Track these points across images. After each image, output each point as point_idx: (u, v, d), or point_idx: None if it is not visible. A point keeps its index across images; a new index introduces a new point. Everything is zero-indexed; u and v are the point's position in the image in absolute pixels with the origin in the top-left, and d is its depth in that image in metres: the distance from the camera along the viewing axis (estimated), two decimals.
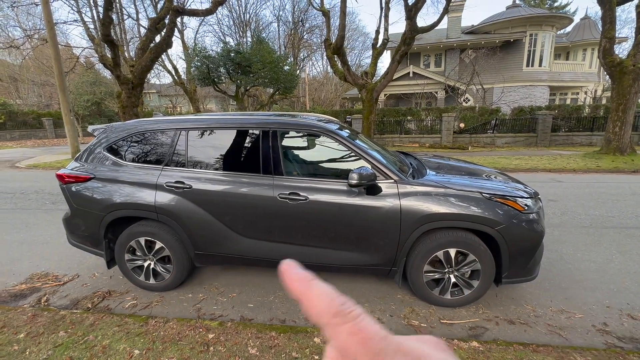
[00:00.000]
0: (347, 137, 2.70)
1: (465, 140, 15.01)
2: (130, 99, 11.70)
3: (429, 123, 15.65)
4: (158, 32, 12.49)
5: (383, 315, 2.64)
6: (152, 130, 2.91)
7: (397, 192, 2.55)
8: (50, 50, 12.11)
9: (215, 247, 2.82)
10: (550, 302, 2.79)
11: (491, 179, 2.96)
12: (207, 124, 2.85)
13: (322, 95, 35.94)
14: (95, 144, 2.99)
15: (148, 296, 2.96)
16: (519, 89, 20.06)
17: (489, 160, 10.58)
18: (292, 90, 22.45)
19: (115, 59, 11.13)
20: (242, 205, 2.70)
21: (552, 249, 3.77)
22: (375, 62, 11.89)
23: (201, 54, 18.50)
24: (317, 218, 2.64)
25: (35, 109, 26.20)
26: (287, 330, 2.33)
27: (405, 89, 20.96)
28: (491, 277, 2.60)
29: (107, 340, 2.21)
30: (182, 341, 2.20)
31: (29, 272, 3.40)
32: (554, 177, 8.08)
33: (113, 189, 2.83)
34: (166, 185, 2.75)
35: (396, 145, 15.28)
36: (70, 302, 2.89)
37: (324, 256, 2.74)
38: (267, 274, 3.28)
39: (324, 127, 2.72)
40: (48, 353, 2.08)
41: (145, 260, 2.94)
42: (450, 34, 22.44)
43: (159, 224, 2.84)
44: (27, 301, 2.91)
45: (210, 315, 2.68)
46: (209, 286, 3.11)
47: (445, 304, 2.72)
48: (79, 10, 16.50)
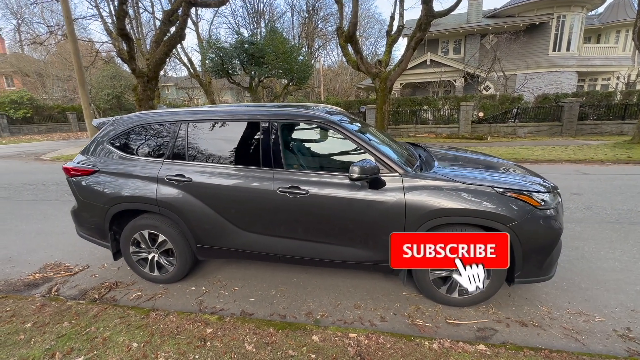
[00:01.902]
0: (349, 129, 2.58)
1: (484, 130, 14.43)
2: (146, 92, 11.88)
3: (446, 112, 15.12)
4: (172, 25, 12.51)
5: (386, 314, 2.55)
6: (153, 123, 2.89)
7: (402, 186, 2.42)
8: (70, 45, 12.42)
9: (217, 240, 2.80)
10: (567, 303, 2.61)
11: (506, 172, 2.77)
12: (208, 117, 2.80)
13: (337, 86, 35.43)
14: (99, 137, 3.00)
15: (153, 288, 2.99)
16: (544, 75, 19.00)
17: (509, 151, 10.12)
18: (306, 80, 22.22)
19: (131, 52, 11.27)
20: (242, 199, 2.65)
21: (573, 246, 3.54)
22: (389, 50, 11.50)
23: (215, 45, 18.54)
24: (318, 212, 2.56)
25: (60, 103, 27.21)
26: (285, 326, 2.28)
27: (422, 77, 20.32)
28: (502, 276, 2.45)
29: (108, 332, 2.24)
30: (180, 335, 2.20)
31: (43, 262, 3.52)
32: (579, 168, 7.63)
33: (116, 181, 2.84)
34: (167, 179, 2.73)
35: (411, 136, 14.90)
36: (79, 292, 2.97)
37: (326, 252, 2.66)
38: (270, 268, 3.25)
39: (326, 118, 2.61)
40: (51, 343, 2.12)
41: (149, 252, 2.96)
42: (470, 18, 21.45)
43: (161, 217, 2.84)
44: (39, 290, 3.00)
45: (211, 308, 2.67)
46: (212, 279, 3.11)
47: (453, 303, 2.59)
48: (96, 5, 16.84)
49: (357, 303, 2.69)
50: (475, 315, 2.51)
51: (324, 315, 2.55)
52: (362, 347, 2.07)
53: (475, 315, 2.51)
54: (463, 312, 2.55)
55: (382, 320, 2.48)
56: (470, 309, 2.58)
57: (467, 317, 2.48)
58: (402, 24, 11.36)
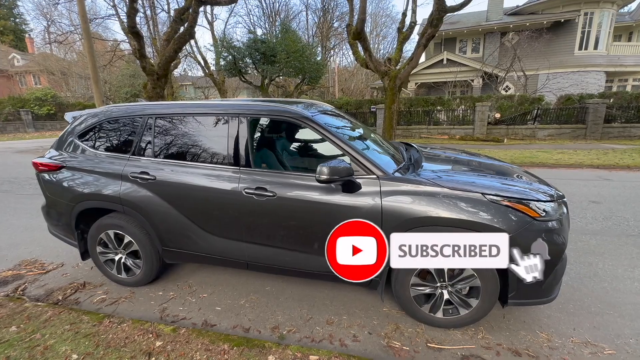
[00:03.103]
0: (324, 125, 2.32)
1: (500, 132, 13.75)
2: (155, 89, 12.00)
3: (461, 113, 14.52)
4: (183, 23, 12.57)
5: (360, 332, 2.28)
6: (121, 117, 2.73)
7: (379, 190, 2.15)
8: (85, 43, 12.72)
9: (182, 243, 2.61)
10: (572, 330, 2.26)
11: (505, 178, 2.44)
12: (175, 111, 2.61)
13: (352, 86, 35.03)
14: (68, 131, 2.88)
15: (119, 291, 2.83)
16: (569, 75, 17.96)
17: (525, 154, 9.53)
18: (318, 80, 21.98)
19: (141, 50, 11.38)
20: (207, 200, 2.44)
21: (585, 262, 3.15)
22: (400, 48, 11.10)
23: (228, 44, 18.61)
24: (286, 217, 2.32)
25: (81, 101, 28.17)
26: (242, 343, 2.06)
27: (438, 77, 19.65)
28: (493, 296, 2.14)
29: (52, 340, 2.08)
30: (126, 347, 2.01)
31: (20, 259, 3.44)
32: (601, 174, 7.03)
33: (81, 178, 2.71)
34: (131, 176, 2.56)
35: (423, 137, 14.40)
36: (45, 292, 2.85)
37: (295, 261, 2.42)
38: (245, 274, 3.03)
39: (298, 113, 2.36)
40: None
41: (116, 253, 2.81)
42: (490, 16, 20.62)
43: (126, 217, 2.68)
44: (6, 289, 2.91)
45: (173, 317, 2.48)
46: (182, 284, 2.93)
47: (437, 324, 2.29)
48: (114, 5, 17.26)
49: (330, 318, 2.43)
50: (461, 339, 2.21)
51: (291, 330, 2.31)
52: None
53: (462, 339, 2.20)
54: (448, 335, 2.24)
55: (354, 340, 2.21)
56: (457, 332, 2.27)
57: (452, 341, 2.18)
58: (415, 20, 10.93)
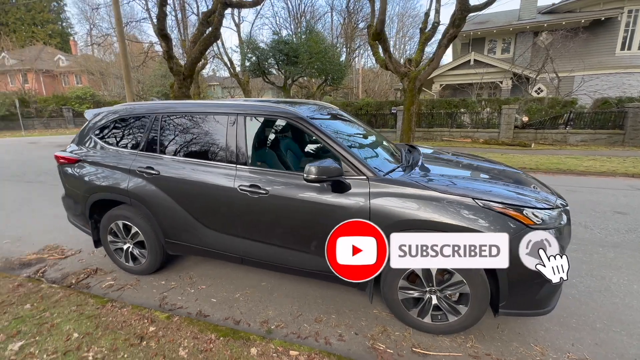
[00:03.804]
0: (317, 126, 2.35)
1: (528, 137, 13.09)
2: (181, 89, 12.52)
3: (486, 116, 13.98)
4: (209, 26, 13.02)
5: (347, 332, 2.29)
6: (131, 115, 2.91)
7: (368, 191, 2.16)
8: (119, 45, 13.52)
9: (183, 236, 2.74)
10: (570, 345, 2.15)
11: (504, 183, 2.36)
12: (179, 110, 2.76)
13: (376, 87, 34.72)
14: (86, 128, 3.10)
15: (126, 278, 3.02)
16: (608, 76, 16.78)
17: (552, 159, 9.04)
18: (341, 80, 22.00)
19: (169, 51, 11.94)
20: (205, 195, 2.56)
21: (598, 275, 2.96)
22: (422, 49, 10.87)
23: (252, 45, 19.07)
24: (278, 214, 2.38)
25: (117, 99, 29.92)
26: (228, 334, 2.13)
27: (464, 78, 18.99)
28: (483, 304, 2.07)
29: (59, 319, 2.26)
30: (122, 330, 2.15)
31: (44, 244, 3.75)
32: (634, 183, 6.53)
33: (95, 171, 2.91)
34: (138, 171, 2.72)
35: (445, 140, 14.01)
36: (61, 275, 3.09)
37: (287, 258, 2.47)
38: (244, 269, 3.12)
39: (293, 113, 2.41)
40: (4, 324, 2.19)
41: (125, 243, 2.99)
42: (523, 14, 19.71)
43: (133, 209, 2.85)
44: (29, 270, 3.18)
45: (171, 305, 2.61)
46: (184, 275, 3.07)
47: (425, 329, 2.26)
48: (147, 9, 18.21)
49: (319, 316, 2.46)
50: (449, 346, 2.16)
51: (279, 325, 2.36)
52: None
53: (450, 346, 2.16)
54: (436, 341, 2.20)
55: (339, 339, 2.22)
56: (445, 338, 2.23)
57: (439, 348, 2.14)
58: (438, 20, 10.68)
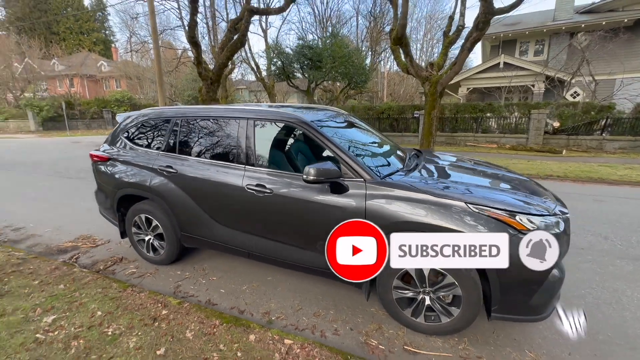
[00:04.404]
0: (319, 130, 2.49)
1: (559, 143, 12.47)
2: (209, 93, 13.13)
3: (514, 121, 13.47)
4: (236, 32, 13.59)
5: (342, 327, 2.40)
6: (155, 118, 3.21)
7: (365, 193, 2.27)
8: (154, 52, 14.44)
9: (196, 230, 2.97)
10: (567, 354, 2.12)
11: (501, 189, 2.38)
12: (195, 114, 3.01)
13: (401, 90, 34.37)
14: (117, 130, 3.44)
15: (147, 267, 3.30)
16: None
17: (583, 167, 8.57)
18: (364, 84, 22.03)
19: (198, 57, 12.57)
20: (216, 193, 2.77)
21: (610, 287, 2.86)
22: (445, 52, 10.70)
23: (277, 50, 19.61)
24: (280, 212, 2.54)
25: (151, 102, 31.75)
26: (231, 321, 2.32)
27: (493, 81, 18.36)
28: (475, 307, 2.11)
29: (87, 298, 2.55)
30: (139, 311, 2.40)
31: (80, 234, 4.16)
32: None
33: (123, 169, 3.23)
34: (159, 169, 3.00)
35: (469, 145, 13.65)
36: (91, 262, 3.43)
37: (290, 254, 2.62)
38: (253, 264, 3.30)
39: (298, 117, 2.57)
40: (41, 300, 2.51)
41: (146, 235, 3.28)
42: (558, 15, 18.81)
43: (154, 204, 3.12)
44: (65, 256, 3.55)
45: (184, 293, 2.84)
46: (198, 267, 3.30)
47: (418, 329, 2.32)
48: (181, 17, 19.28)
49: (318, 311, 2.59)
50: (441, 346, 2.21)
51: (280, 317, 2.52)
52: (290, 355, 2.00)
53: (442, 346, 2.21)
54: (429, 341, 2.26)
55: (334, 333, 2.34)
56: (438, 339, 2.27)
57: (430, 348, 2.20)
58: (463, 24, 10.47)
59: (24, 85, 30.96)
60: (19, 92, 30.56)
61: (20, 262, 3.19)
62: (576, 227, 4.26)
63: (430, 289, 2.21)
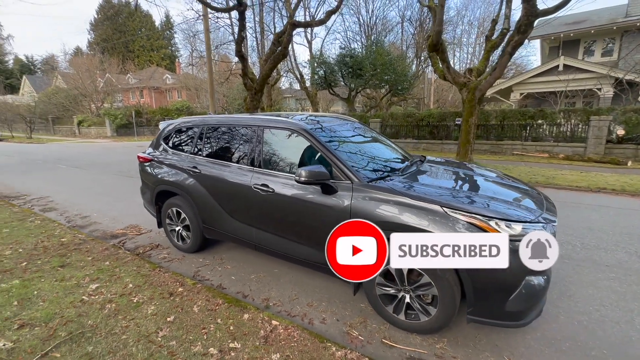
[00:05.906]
0: (316, 137, 2.76)
1: (626, 153, 11.11)
2: (253, 102, 14.10)
3: (569, 128, 12.32)
4: (280, 45, 14.49)
5: (330, 318, 2.61)
6: (185, 126, 3.75)
7: (351, 195, 2.48)
8: (207, 65, 15.97)
9: (214, 222, 3.40)
10: None
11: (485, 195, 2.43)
12: (216, 122, 3.49)
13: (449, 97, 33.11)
14: (158, 136, 4.06)
15: (176, 253, 3.83)
16: None
17: None
18: (406, 91, 21.74)
19: (244, 69, 13.62)
20: (230, 191, 3.18)
21: (625, 307, 2.68)
22: (487, 57, 10.24)
23: (320, 60, 20.29)
24: (280, 209, 2.85)
25: (206, 110, 34.60)
26: (232, 301, 2.66)
27: (550, 86, 16.91)
28: (450, 309, 2.19)
29: (123, 273, 3.10)
30: (161, 287, 2.86)
31: (129, 223, 4.90)
32: None
33: (161, 169, 3.81)
34: (187, 169, 3.51)
35: (515, 154, 12.76)
36: (134, 246, 4.07)
37: (289, 248, 2.91)
38: (263, 257, 3.65)
39: (299, 125, 2.88)
40: (90, 271, 3.12)
41: (177, 225, 3.82)
42: (632, 10, 16.80)
43: (183, 199, 3.64)
44: (116, 240, 4.25)
45: (201, 277, 3.28)
46: (217, 257, 3.74)
47: (400, 325, 2.44)
48: (232, 33, 20.96)
49: (311, 302, 2.83)
50: (418, 343, 2.31)
51: (276, 304, 2.81)
52: (274, 333, 2.27)
53: (419, 344, 2.31)
54: (408, 337, 2.37)
55: (321, 322, 2.56)
56: (418, 337, 2.38)
57: (407, 343, 2.31)
58: (507, 27, 9.95)
59: (104, 96, 35.86)
60: (100, 102, 35.46)
61: (81, 242, 3.92)
62: (610, 243, 3.95)
63: (409, 288, 2.34)
